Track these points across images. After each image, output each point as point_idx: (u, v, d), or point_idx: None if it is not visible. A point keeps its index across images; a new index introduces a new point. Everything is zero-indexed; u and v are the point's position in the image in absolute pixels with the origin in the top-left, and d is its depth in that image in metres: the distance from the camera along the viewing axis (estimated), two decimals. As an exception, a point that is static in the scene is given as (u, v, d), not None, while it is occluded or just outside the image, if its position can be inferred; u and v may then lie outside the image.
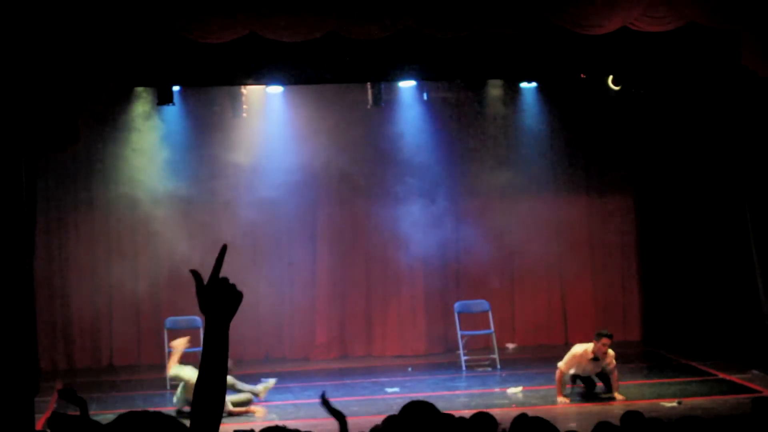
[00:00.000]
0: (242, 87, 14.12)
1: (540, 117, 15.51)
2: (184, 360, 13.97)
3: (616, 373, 11.79)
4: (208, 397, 3.29)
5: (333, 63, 11.62)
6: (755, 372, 12.68)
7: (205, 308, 3.41)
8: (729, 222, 13.71)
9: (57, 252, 14.65)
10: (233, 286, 3.48)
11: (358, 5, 10.73)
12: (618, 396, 11.67)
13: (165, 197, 14.84)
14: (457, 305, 14.61)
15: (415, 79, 14.18)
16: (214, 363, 3.32)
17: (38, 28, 10.02)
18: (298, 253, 15.19)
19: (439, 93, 15.10)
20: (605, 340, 11.55)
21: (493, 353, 14.18)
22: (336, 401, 12.05)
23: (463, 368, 13.89)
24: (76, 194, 14.73)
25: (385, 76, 12.74)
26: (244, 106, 14.49)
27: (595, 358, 11.66)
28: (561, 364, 11.71)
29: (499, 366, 13.92)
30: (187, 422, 3.29)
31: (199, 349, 13.64)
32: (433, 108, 15.23)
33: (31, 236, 10.57)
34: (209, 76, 11.95)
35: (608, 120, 15.33)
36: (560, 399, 11.65)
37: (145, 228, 14.86)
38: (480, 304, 14.71)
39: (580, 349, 11.73)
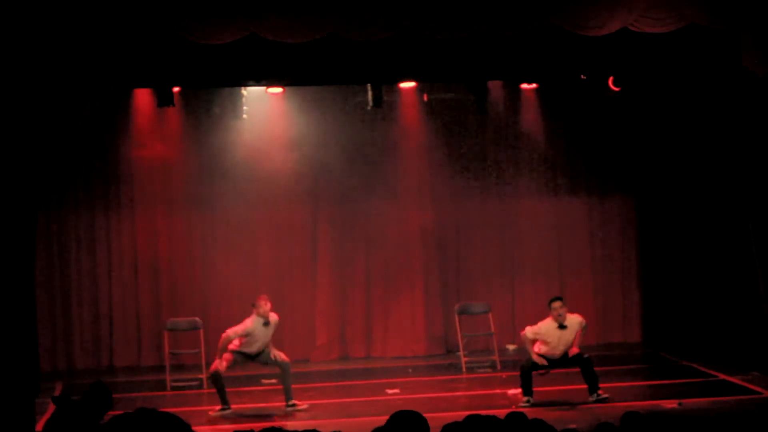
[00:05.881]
0: (242, 88, 14.13)
1: (540, 118, 15.52)
2: (184, 360, 14.03)
3: (581, 333, 11.74)
4: None
5: (333, 64, 11.62)
6: (756, 374, 12.67)
7: None
8: (729, 223, 13.69)
9: (57, 252, 14.65)
10: None
11: (358, 6, 10.73)
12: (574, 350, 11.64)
13: (165, 198, 14.86)
14: (457, 307, 14.60)
15: (416, 81, 14.19)
16: None
17: (39, 28, 10.02)
18: (299, 254, 15.19)
19: (439, 94, 15.10)
20: (553, 304, 11.69)
21: (494, 355, 14.18)
22: (336, 402, 12.16)
23: (464, 369, 13.88)
24: (76, 194, 14.73)
25: (385, 77, 12.73)
26: (245, 107, 14.49)
27: (562, 326, 11.63)
28: (527, 330, 11.78)
29: (499, 367, 13.91)
30: None
31: (197, 350, 13.49)
32: (433, 109, 15.24)
33: (32, 237, 10.56)
34: (209, 77, 11.94)
35: (608, 121, 15.33)
36: (535, 356, 11.64)
37: (145, 228, 14.87)
38: (480, 306, 14.71)
39: (544, 322, 11.78)
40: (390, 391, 12.47)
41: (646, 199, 15.61)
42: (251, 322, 11.82)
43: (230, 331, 11.74)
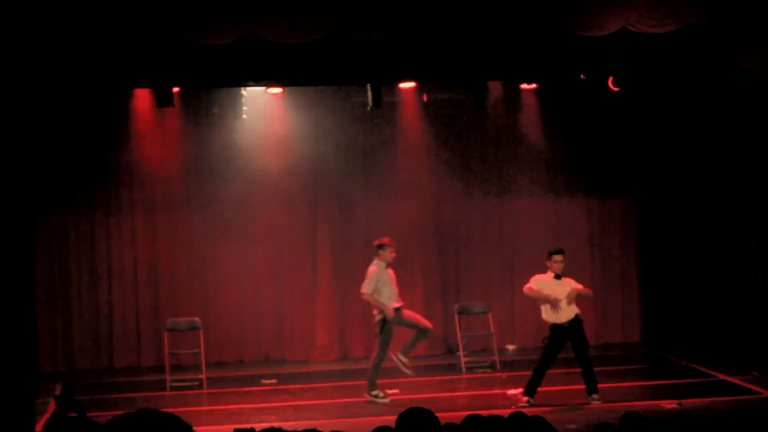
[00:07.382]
0: (242, 88, 14.12)
1: (540, 118, 15.52)
2: (183, 360, 13.99)
3: (581, 289, 11.75)
4: None
5: (333, 64, 11.62)
6: (756, 374, 12.67)
7: None
8: (729, 223, 13.70)
9: (57, 253, 14.65)
10: None
11: (357, 7, 10.73)
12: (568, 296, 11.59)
13: (165, 198, 14.86)
14: (457, 307, 14.61)
15: (415, 81, 14.19)
16: None
17: (39, 28, 10.02)
18: (298, 254, 15.19)
19: (438, 94, 15.10)
20: (555, 257, 11.78)
21: (493, 355, 14.18)
22: (336, 402, 12.16)
23: (463, 370, 13.88)
24: (76, 195, 14.73)
25: (384, 77, 12.73)
26: (244, 107, 14.49)
27: (557, 277, 11.73)
28: (526, 287, 11.81)
29: (499, 367, 13.92)
30: None
31: (197, 351, 13.45)
32: (433, 109, 15.24)
33: (32, 238, 10.55)
34: (209, 77, 11.94)
35: (608, 121, 15.33)
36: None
37: (144, 229, 14.86)
38: (480, 306, 14.72)
39: (538, 277, 11.84)
40: (390, 391, 12.46)
41: (646, 200, 15.61)
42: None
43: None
